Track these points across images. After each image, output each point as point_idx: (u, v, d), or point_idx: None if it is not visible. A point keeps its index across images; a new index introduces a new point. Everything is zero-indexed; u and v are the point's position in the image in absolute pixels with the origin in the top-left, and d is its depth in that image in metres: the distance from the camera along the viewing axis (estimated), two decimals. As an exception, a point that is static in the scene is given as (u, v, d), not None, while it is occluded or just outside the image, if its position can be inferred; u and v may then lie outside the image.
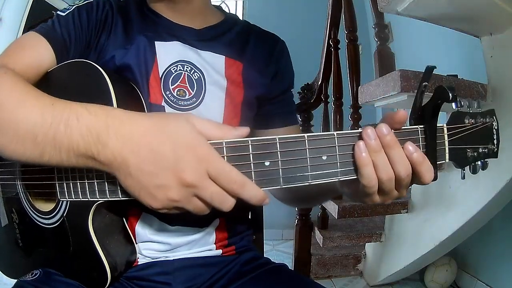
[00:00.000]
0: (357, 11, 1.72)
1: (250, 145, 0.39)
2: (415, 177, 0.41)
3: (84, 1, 0.60)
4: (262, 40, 0.70)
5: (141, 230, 0.60)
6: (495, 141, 0.45)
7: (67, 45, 0.56)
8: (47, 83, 0.54)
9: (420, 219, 1.53)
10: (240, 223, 0.70)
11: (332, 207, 1.59)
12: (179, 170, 0.36)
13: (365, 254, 1.95)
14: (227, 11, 0.74)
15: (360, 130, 0.40)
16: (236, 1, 3.13)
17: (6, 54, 0.54)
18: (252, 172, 0.39)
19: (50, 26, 0.56)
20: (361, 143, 0.39)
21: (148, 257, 0.62)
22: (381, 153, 0.39)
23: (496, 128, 0.45)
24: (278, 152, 0.39)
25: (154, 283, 0.61)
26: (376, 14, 1.63)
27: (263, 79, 0.67)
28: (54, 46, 0.55)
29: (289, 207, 2.10)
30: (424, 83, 0.41)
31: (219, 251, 0.66)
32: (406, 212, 1.58)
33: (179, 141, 0.37)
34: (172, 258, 0.62)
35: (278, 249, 2.62)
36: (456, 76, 1.22)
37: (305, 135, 0.40)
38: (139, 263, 0.62)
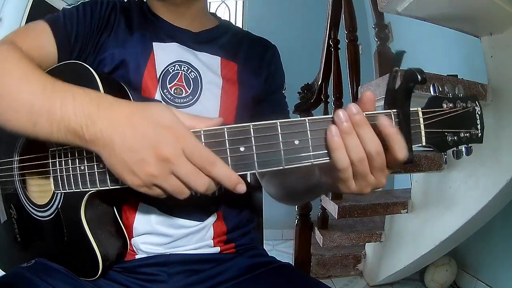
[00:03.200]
0: (357, 11, 1.72)
1: (225, 132, 0.41)
2: (389, 154, 0.41)
3: None
4: (254, 44, 0.74)
5: (140, 223, 0.61)
6: (478, 126, 0.44)
7: (69, 37, 0.59)
8: None
9: (420, 219, 1.54)
10: (238, 218, 0.70)
11: (332, 207, 1.59)
12: (158, 146, 0.39)
13: (365, 254, 1.95)
14: (227, 11, 0.77)
15: (330, 115, 0.42)
16: (236, 1, 3.13)
17: (13, 34, 0.57)
18: (228, 157, 0.41)
19: (56, 16, 0.60)
20: (332, 127, 0.40)
21: (145, 252, 0.62)
22: (353, 134, 0.40)
23: (479, 113, 0.44)
24: (252, 138, 0.41)
25: (147, 275, 0.61)
26: (376, 14, 1.64)
27: (257, 80, 0.70)
28: (56, 34, 0.58)
29: (289, 207, 2.09)
30: (395, 68, 0.42)
31: (217, 249, 0.66)
32: (406, 212, 1.58)
33: (159, 122, 0.40)
34: (169, 253, 0.63)
35: (278, 249, 2.62)
36: (456, 76, 1.22)
37: (277, 121, 0.42)
38: (135, 258, 0.62)
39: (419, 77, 0.40)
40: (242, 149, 0.41)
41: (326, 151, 0.42)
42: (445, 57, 1.93)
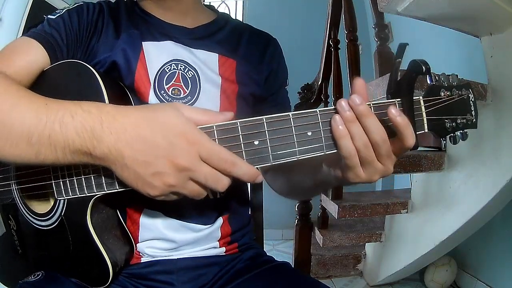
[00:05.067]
0: (357, 11, 1.72)
1: (239, 127, 0.41)
2: (398, 141, 0.42)
3: (74, 4, 0.61)
4: (254, 38, 0.71)
5: (145, 228, 0.60)
6: (473, 112, 0.47)
7: (60, 45, 0.56)
8: (40, 84, 0.54)
9: (420, 219, 1.53)
10: (241, 219, 0.70)
11: (332, 207, 1.59)
12: (173, 156, 0.38)
13: (365, 254, 1.95)
14: (227, 11, 0.75)
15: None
16: (236, 1, 3.13)
17: None
18: (243, 151, 0.41)
19: (41, 29, 0.57)
20: (337, 116, 0.41)
21: (151, 256, 0.62)
22: (356, 122, 0.41)
23: (472, 100, 0.47)
24: (266, 131, 0.41)
25: (157, 282, 0.61)
26: (376, 14, 1.64)
27: (257, 76, 0.68)
28: (46, 46, 0.55)
29: (289, 207, 2.09)
30: (398, 59, 0.44)
31: (223, 249, 0.66)
32: (406, 212, 1.58)
33: (169, 128, 0.38)
34: (175, 257, 0.62)
35: (278, 249, 2.61)
36: (456, 76, 1.22)
37: (290, 113, 0.42)
38: (141, 261, 0.62)
39: (423, 68, 0.42)
40: (256, 142, 0.41)
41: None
42: (445, 57, 1.93)
